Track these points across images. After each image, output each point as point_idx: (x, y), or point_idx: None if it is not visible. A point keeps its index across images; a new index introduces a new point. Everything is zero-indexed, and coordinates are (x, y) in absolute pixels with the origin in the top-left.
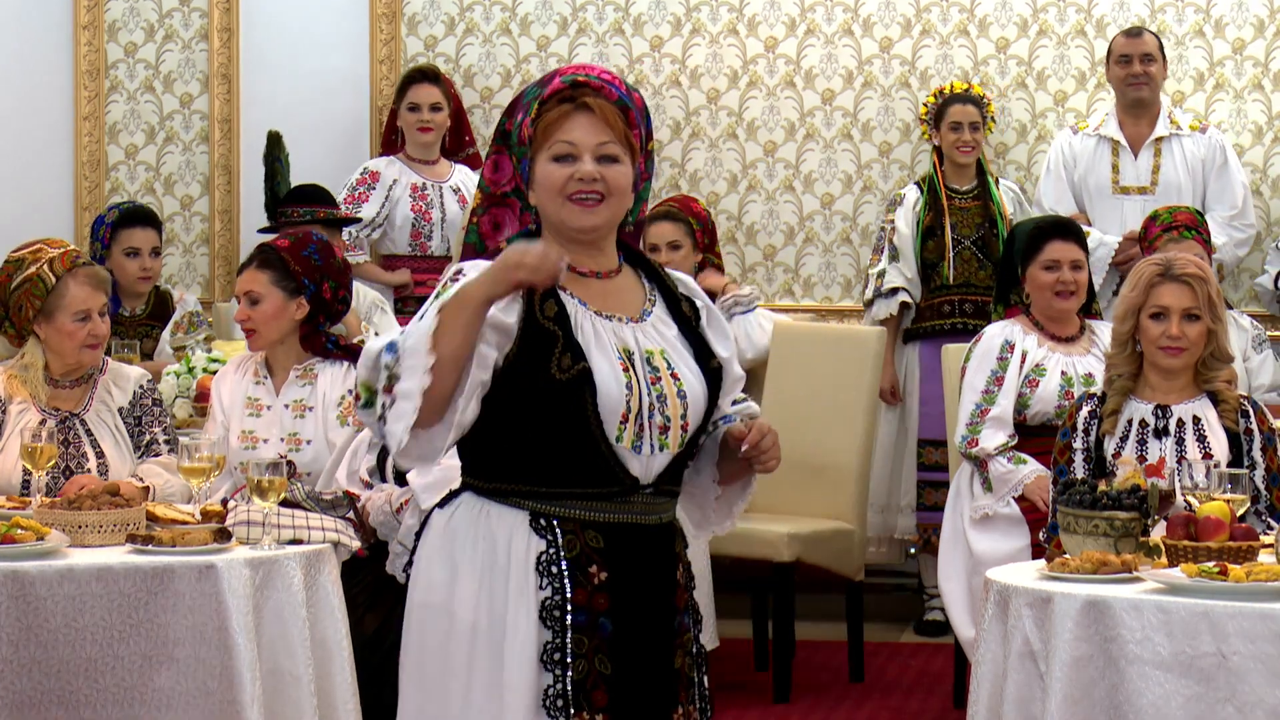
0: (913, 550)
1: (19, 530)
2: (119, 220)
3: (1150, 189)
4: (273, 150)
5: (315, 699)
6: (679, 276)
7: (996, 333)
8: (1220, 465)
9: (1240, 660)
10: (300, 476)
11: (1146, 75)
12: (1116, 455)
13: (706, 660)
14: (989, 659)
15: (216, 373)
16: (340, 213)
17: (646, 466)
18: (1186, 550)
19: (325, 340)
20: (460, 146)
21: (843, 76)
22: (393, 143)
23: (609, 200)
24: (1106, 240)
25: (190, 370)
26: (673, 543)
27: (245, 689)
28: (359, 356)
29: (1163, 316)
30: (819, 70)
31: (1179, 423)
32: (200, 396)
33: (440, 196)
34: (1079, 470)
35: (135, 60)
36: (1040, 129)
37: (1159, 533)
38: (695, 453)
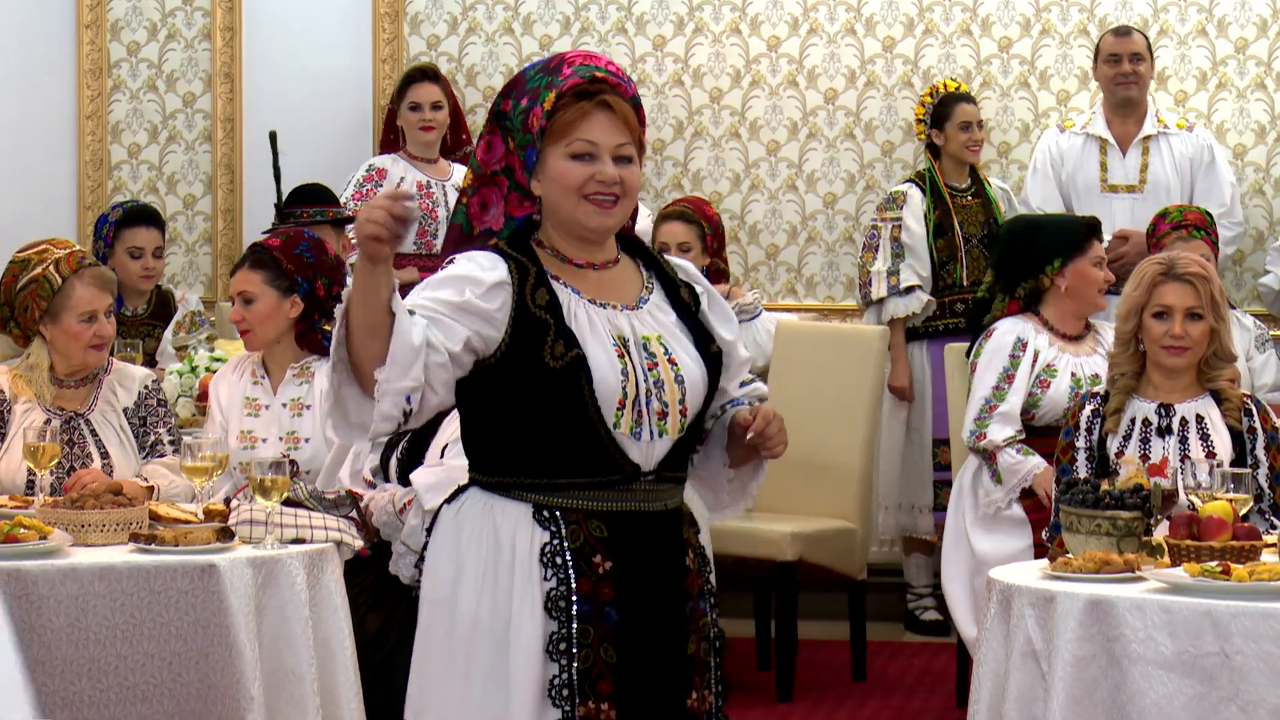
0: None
1: (22, 530)
2: (123, 219)
3: (1138, 187)
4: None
5: (318, 698)
6: (678, 263)
7: (1008, 329)
8: (1223, 464)
9: (1243, 660)
10: (302, 475)
11: (1135, 74)
12: (1119, 454)
13: (725, 644)
14: (991, 658)
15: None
16: (347, 212)
17: (647, 453)
18: (1189, 550)
19: (321, 337)
20: (458, 145)
21: (845, 76)
22: (391, 142)
23: (623, 201)
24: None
25: (193, 370)
26: (680, 528)
27: (248, 688)
28: None
29: (1166, 315)
30: (822, 70)
31: (1182, 422)
32: (203, 396)
33: (444, 195)
34: (1082, 469)
35: (138, 59)
36: (1043, 128)
37: (1162, 532)
38: (704, 437)
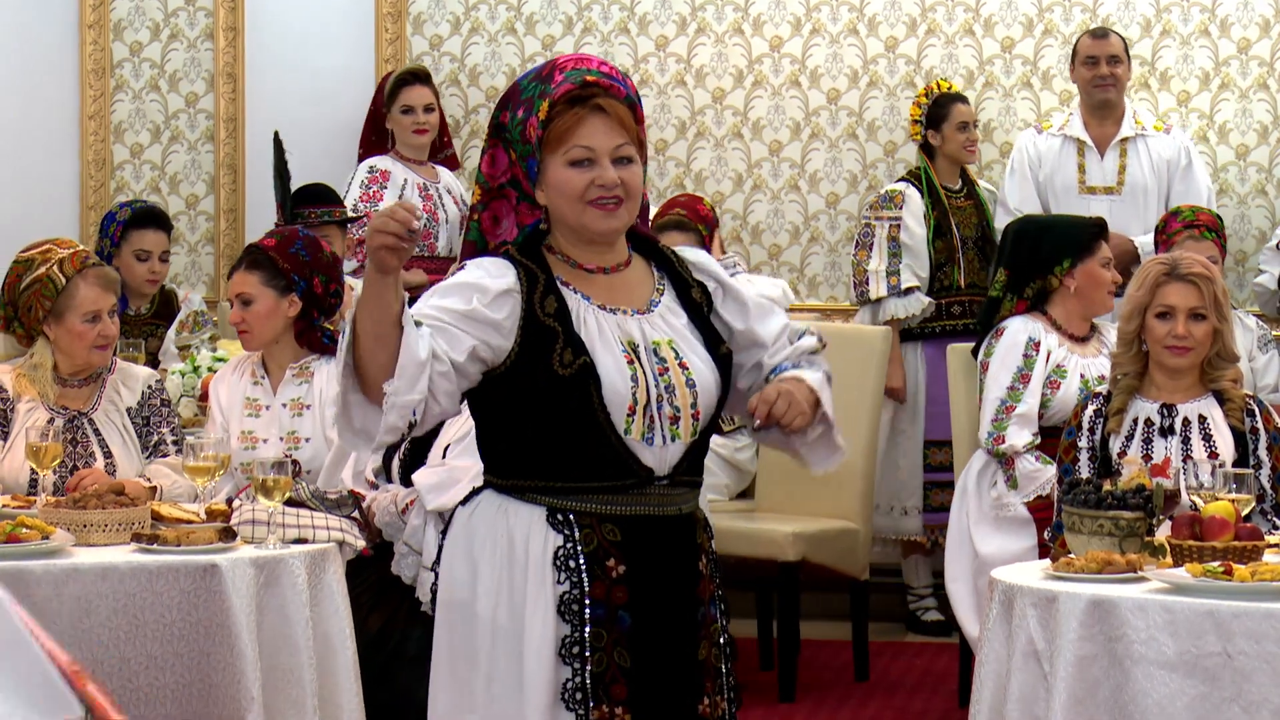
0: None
1: (24, 530)
2: (131, 220)
3: (1116, 189)
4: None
5: (316, 699)
6: (692, 258)
7: (1020, 329)
8: (1226, 465)
9: (1246, 660)
10: (304, 475)
11: (1113, 76)
12: (1122, 454)
13: (735, 650)
14: (993, 658)
15: (216, 373)
16: (353, 213)
17: (660, 458)
18: (1191, 550)
19: (321, 335)
20: (441, 147)
21: (848, 76)
22: (375, 144)
23: (627, 203)
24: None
25: (195, 369)
26: (694, 533)
27: (249, 688)
28: None
29: (1169, 316)
30: (824, 70)
31: (1184, 422)
32: (205, 396)
33: (440, 197)
34: (1084, 469)
35: (140, 59)
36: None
37: (1164, 532)
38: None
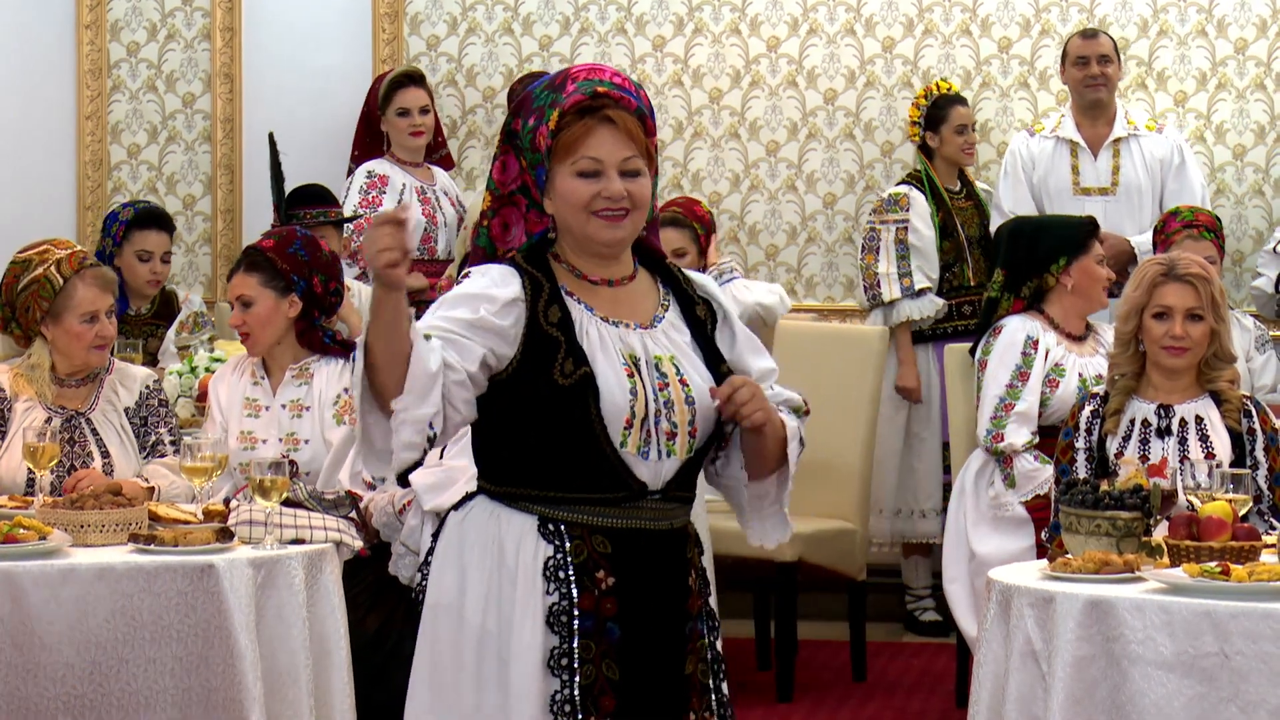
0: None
1: (21, 530)
2: (134, 220)
3: (1111, 189)
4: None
5: (312, 699)
6: (699, 280)
7: (1018, 327)
8: (1223, 465)
9: (1243, 660)
10: (301, 476)
11: (1104, 76)
12: (1119, 455)
13: (725, 667)
14: (991, 659)
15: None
16: (348, 213)
17: (654, 472)
18: (1189, 550)
19: (323, 335)
20: (436, 148)
21: (845, 76)
22: (369, 146)
23: (633, 214)
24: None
25: (192, 370)
26: (684, 548)
27: (248, 689)
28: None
29: (1166, 316)
30: (821, 70)
31: (1181, 422)
32: (203, 396)
33: (437, 199)
34: (1081, 470)
35: (138, 60)
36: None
37: (1161, 533)
38: (725, 443)
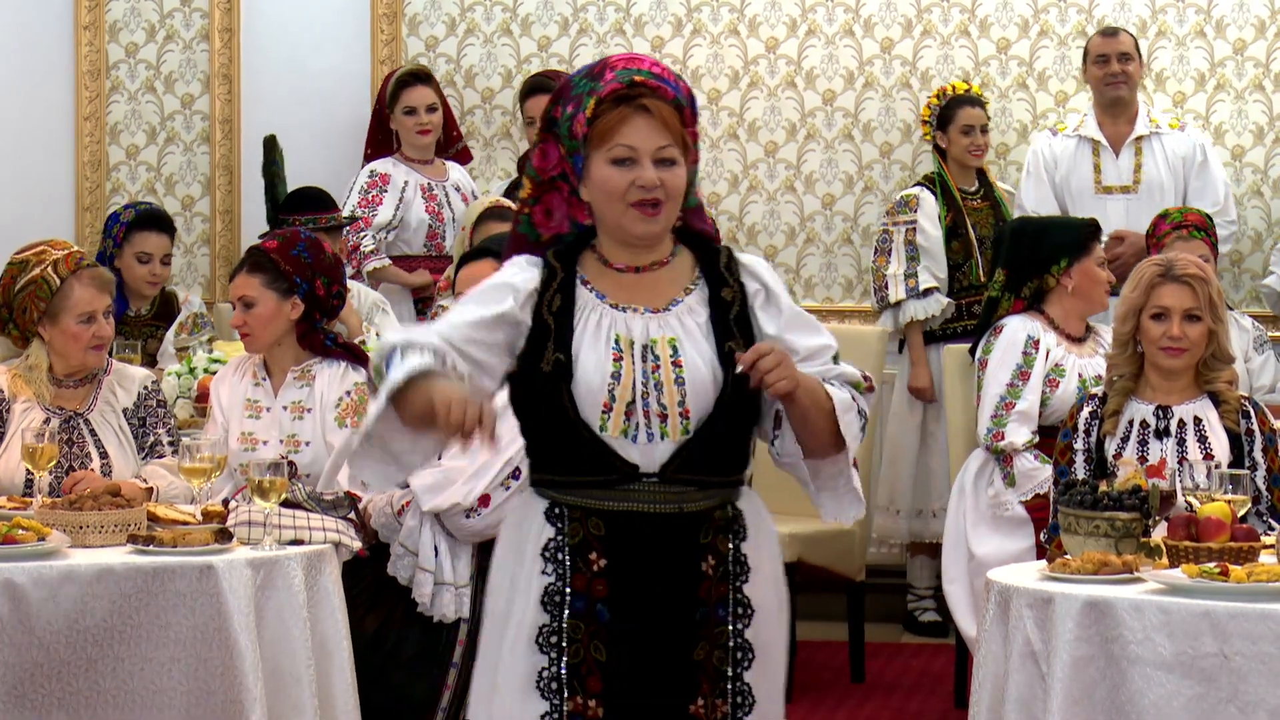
0: None
1: (20, 531)
2: (135, 221)
3: (1133, 188)
4: (270, 156)
5: (316, 699)
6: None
7: (1019, 327)
8: (1221, 466)
9: (1242, 661)
10: (301, 477)
11: (1125, 74)
12: (1117, 456)
13: (752, 656)
14: (990, 660)
15: (216, 373)
16: (341, 218)
17: (646, 455)
18: (1187, 551)
19: (324, 337)
20: (451, 143)
21: (844, 77)
22: (380, 144)
23: (667, 205)
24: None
25: (191, 371)
26: (696, 533)
27: (248, 689)
28: (357, 356)
29: (1164, 317)
30: (820, 71)
31: (1180, 423)
32: (201, 397)
33: (446, 196)
34: (1080, 471)
35: (136, 61)
36: (1042, 130)
37: (1160, 533)
38: (778, 425)
